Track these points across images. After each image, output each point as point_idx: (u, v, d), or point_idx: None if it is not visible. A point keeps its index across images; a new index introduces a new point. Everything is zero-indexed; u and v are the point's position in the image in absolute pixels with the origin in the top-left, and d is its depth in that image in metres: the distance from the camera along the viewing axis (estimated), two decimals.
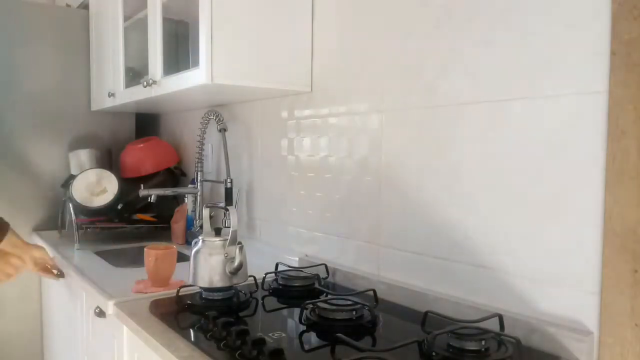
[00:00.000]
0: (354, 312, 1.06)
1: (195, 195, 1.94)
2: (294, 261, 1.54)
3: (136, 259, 1.86)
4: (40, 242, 2.03)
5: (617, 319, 0.86)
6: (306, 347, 0.97)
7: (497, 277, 1.04)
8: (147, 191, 1.81)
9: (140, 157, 2.16)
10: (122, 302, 1.23)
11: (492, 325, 0.96)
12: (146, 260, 1.34)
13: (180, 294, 1.22)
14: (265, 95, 1.67)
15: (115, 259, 1.77)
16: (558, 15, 0.93)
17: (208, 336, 0.98)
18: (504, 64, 1.01)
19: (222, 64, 1.36)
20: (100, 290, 1.32)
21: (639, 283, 0.83)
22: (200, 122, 1.87)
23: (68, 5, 2.46)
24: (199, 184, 1.93)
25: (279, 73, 1.46)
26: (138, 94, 1.79)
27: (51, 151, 2.22)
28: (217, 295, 1.20)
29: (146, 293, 1.28)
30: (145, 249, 1.35)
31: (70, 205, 1.95)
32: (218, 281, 1.19)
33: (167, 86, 1.60)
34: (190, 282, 1.22)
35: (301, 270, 1.38)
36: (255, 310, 1.18)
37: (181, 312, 1.15)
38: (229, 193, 1.76)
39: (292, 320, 1.11)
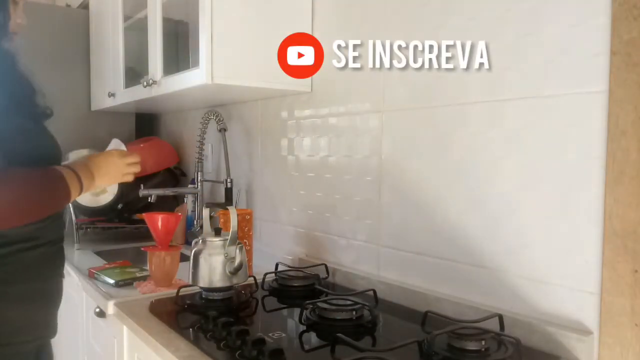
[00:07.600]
0: (354, 312, 1.06)
1: (195, 195, 1.94)
2: (294, 261, 1.54)
3: (136, 259, 1.85)
4: None
5: (617, 319, 0.86)
6: (306, 347, 0.97)
7: (497, 277, 1.04)
8: (147, 191, 1.80)
9: (141, 157, 2.15)
10: (122, 302, 1.23)
11: (492, 325, 0.95)
12: (151, 260, 1.34)
13: (180, 294, 1.21)
14: (265, 95, 1.67)
15: (115, 259, 1.76)
16: (558, 15, 0.93)
17: (208, 336, 0.98)
18: (503, 64, 1.01)
19: (222, 64, 1.36)
20: (100, 290, 1.32)
21: (639, 283, 0.83)
22: (200, 122, 1.87)
23: (68, 5, 2.46)
24: (199, 184, 1.92)
25: (279, 73, 1.46)
26: (138, 94, 1.79)
27: None
28: (217, 295, 1.20)
29: (156, 292, 1.29)
30: (148, 251, 1.35)
31: (70, 205, 1.95)
32: (218, 281, 1.18)
33: (167, 86, 1.59)
34: (190, 282, 1.22)
35: (301, 270, 1.38)
36: (255, 310, 1.18)
37: (181, 312, 1.15)
38: (229, 193, 1.76)
39: (292, 320, 1.11)
